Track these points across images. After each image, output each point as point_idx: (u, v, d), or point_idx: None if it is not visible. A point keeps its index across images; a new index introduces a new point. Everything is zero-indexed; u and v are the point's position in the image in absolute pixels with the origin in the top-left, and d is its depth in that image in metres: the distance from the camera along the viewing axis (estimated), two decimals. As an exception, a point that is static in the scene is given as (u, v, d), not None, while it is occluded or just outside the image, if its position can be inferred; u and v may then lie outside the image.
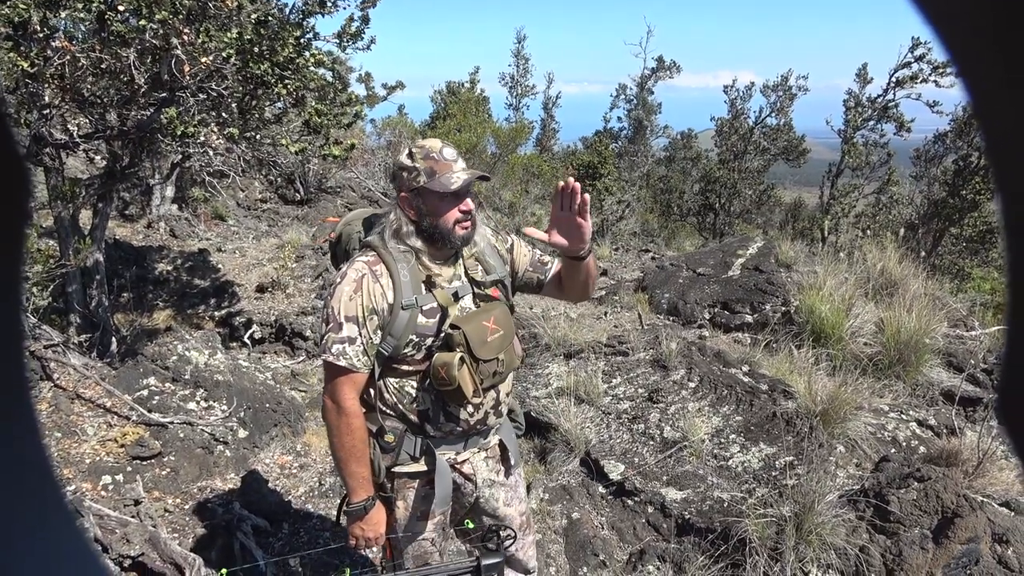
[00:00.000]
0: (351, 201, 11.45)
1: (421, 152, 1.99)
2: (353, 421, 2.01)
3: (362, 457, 2.04)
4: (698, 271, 7.23)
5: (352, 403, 2.00)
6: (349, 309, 1.95)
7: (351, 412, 2.00)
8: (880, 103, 15.64)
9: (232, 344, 6.12)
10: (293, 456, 4.46)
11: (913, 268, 6.60)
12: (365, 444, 2.05)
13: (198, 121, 3.68)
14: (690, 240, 15.62)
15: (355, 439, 2.02)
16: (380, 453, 2.11)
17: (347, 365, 1.95)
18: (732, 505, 3.56)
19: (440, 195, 1.96)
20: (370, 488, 2.08)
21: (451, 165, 1.97)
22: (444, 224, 1.99)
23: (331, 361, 1.95)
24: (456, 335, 1.98)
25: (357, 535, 2.11)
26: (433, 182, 1.95)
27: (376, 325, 1.98)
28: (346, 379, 1.99)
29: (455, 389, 1.98)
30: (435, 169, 1.95)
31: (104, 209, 5.10)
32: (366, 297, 1.95)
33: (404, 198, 2.01)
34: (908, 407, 4.75)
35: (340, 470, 2.08)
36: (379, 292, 1.97)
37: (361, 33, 4.18)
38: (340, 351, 1.94)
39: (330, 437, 2.05)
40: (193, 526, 3.63)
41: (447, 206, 1.98)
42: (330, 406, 2.01)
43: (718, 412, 4.34)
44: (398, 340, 2.00)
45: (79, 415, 4.13)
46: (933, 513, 3.17)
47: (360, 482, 2.05)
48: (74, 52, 3.71)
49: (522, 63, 24.09)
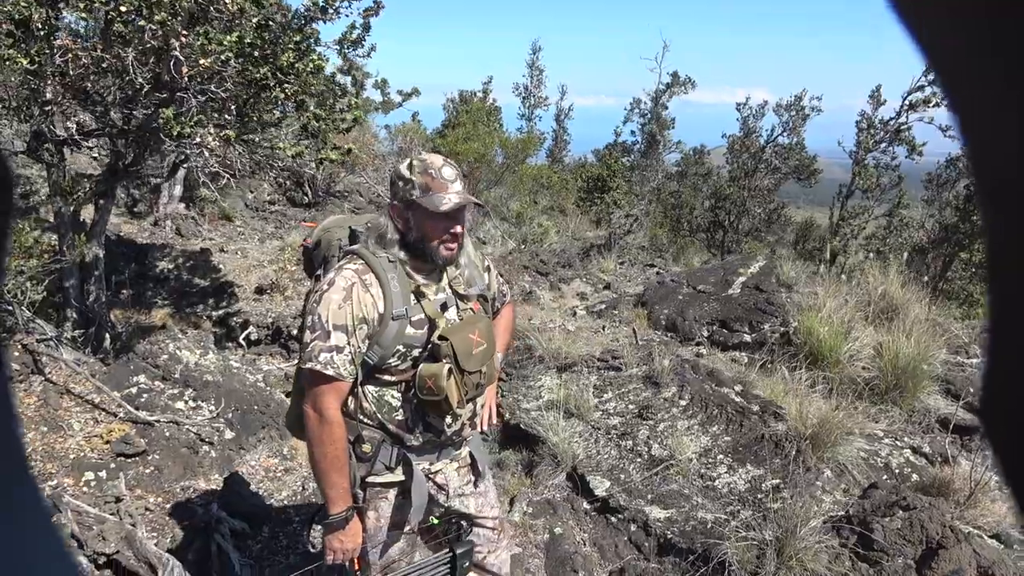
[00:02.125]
0: (359, 206, 11.48)
1: (421, 166, 1.99)
2: (336, 431, 1.99)
3: (343, 468, 2.03)
4: (699, 288, 7.19)
5: (335, 412, 1.99)
6: (338, 317, 1.93)
7: (334, 421, 1.98)
8: (892, 126, 15.57)
9: (228, 345, 6.13)
10: (279, 459, 4.45)
11: (916, 292, 6.53)
12: (346, 454, 2.03)
13: (195, 122, 3.70)
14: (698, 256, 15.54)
15: (337, 449, 2.00)
16: (356, 463, 2.10)
17: (334, 374, 1.94)
18: (715, 527, 3.52)
19: (430, 213, 1.95)
20: (349, 499, 2.06)
21: (447, 185, 1.96)
22: (428, 241, 2.00)
23: (318, 370, 1.93)
24: (444, 346, 1.98)
25: (336, 548, 2.08)
26: (425, 199, 1.95)
27: (365, 335, 1.97)
28: (330, 388, 1.97)
29: (441, 399, 1.98)
30: (430, 186, 1.95)
31: (106, 205, 5.13)
32: (356, 306, 1.94)
33: (395, 207, 2.02)
34: (903, 433, 4.69)
35: (320, 481, 2.05)
36: (370, 302, 1.96)
37: (362, 40, 4.20)
38: (328, 360, 1.93)
39: (311, 447, 2.02)
40: (172, 526, 3.62)
41: (435, 225, 1.98)
42: (312, 415, 1.98)
43: (707, 431, 4.30)
44: (385, 350, 1.99)
45: (67, 410, 4.14)
46: (917, 543, 3.12)
47: (340, 493, 2.03)
48: (76, 50, 3.74)
49: (536, 74, 24.16)
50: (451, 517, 2.31)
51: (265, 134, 4.31)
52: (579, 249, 11.89)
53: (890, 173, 16.00)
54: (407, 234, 2.01)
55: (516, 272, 8.71)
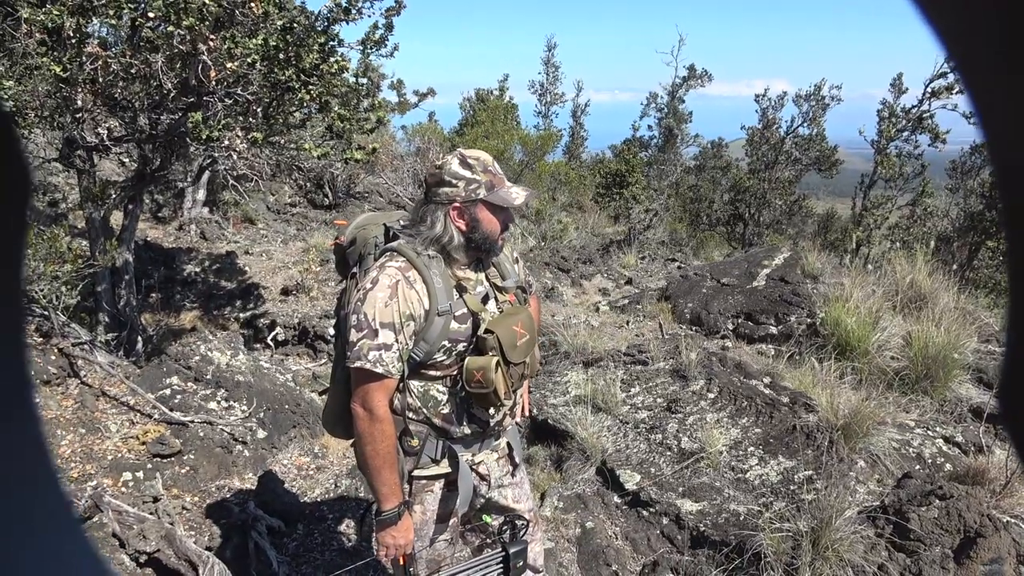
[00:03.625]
0: (379, 206, 11.55)
1: (479, 164, 1.99)
2: (387, 428, 2.00)
3: (394, 464, 2.04)
4: (722, 281, 7.16)
5: (385, 410, 2.00)
6: (384, 315, 1.94)
7: (384, 418, 1.99)
8: (915, 114, 15.37)
9: (256, 345, 6.20)
10: (311, 458, 4.50)
11: (944, 281, 6.45)
12: (396, 450, 2.05)
13: (223, 125, 3.75)
14: (719, 250, 15.46)
15: (388, 445, 2.01)
16: (403, 457, 2.12)
17: (383, 372, 1.95)
18: (748, 518, 3.51)
19: (499, 208, 1.99)
20: (400, 495, 2.07)
21: (504, 180, 2.01)
22: (494, 236, 2.02)
23: (367, 368, 1.93)
24: (490, 339, 2.00)
25: (389, 543, 2.08)
26: (493, 195, 1.97)
27: (412, 331, 1.98)
28: (380, 386, 1.98)
29: (490, 392, 1.99)
30: (494, 183, 1.98)
31: (134, 211, 5.21)
32: (402, 303, 1.95)
33: (458, 208, 2.00)
34: (935, 423, 4.64)
35: (372, 478, 2.05)
36: (415, 298, 1.97)
37: (384, 40, 4.23)
38: (377, 358, 1.93)
39: (362, 446, 2.02)
40: (209, 524, 3.68)
41: (494, 219, 2.01)
42: (362, 413, 1.99)
43: (737, 424, 4.28)
44: (431, 346, 2.00)
45: (103, 412, 4.21)
46: (955, 532, 3.09)
47: (393, 488, 2.04)
48: (106, 57, 3.81)
49: (552, 71, 24.15)
50: (507, 517, 2.32)
51: (290, 136, 4.35)
52: (599, 245, 11.88)
53: (913, 162, 15.79)
54: (472, 233, 2.01)
55: (537, 269, 8.72)
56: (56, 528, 0.33)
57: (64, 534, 0.34)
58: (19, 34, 3.81)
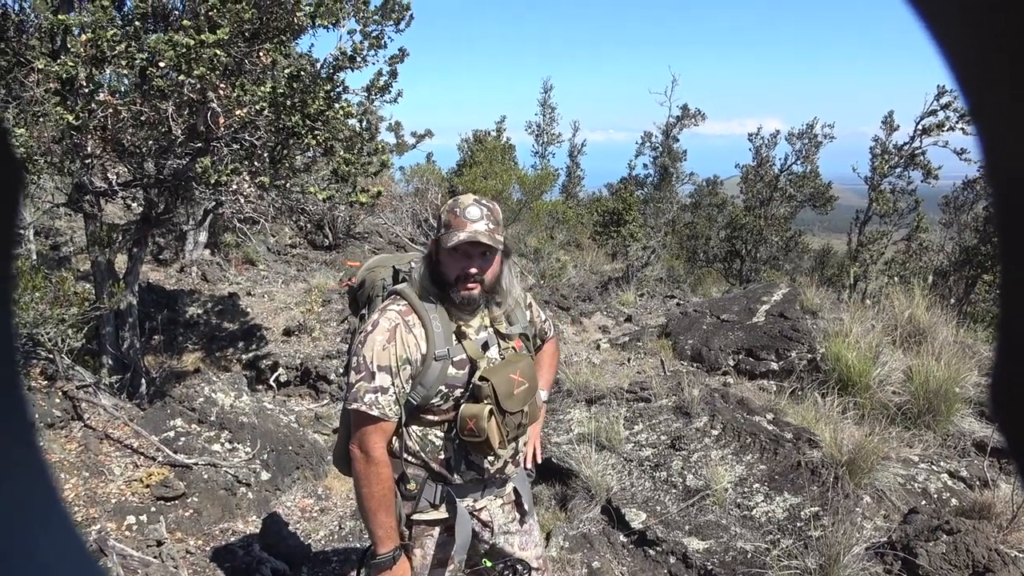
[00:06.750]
0: (378, 247, 11.64)
1: (451, 204, 2.02)
2: (383, 470, 2.00)
3: (390, 507, 2.03)
4: (722, 317, 7.20)
5: (381, 452, 2.00)
6: (382, 359, 1.95)
7: (380, 461, 1.99)
8: (907, 150, 15.62)
9: (259, 387, 6.20)
10: (314, 499, 4.48)
11: (942, 315, 6.50)
12: (392, 493, 2.04)
13: (231, 170, 3.82)
14: (717, 286, 15.53)
15: (384, 488, 2.01)
16: (401, 500, 2.11)
17: (379, 415, 1.95)
18: (756, 556, 3.49)
19: (446, 250, 1.97)
20: (396, 538, 2.06)
21: (466, 224, 1.93)
22: (450, 278, 2.00)
23: (363, 410, 1.94)
24: (485, 387, 1.99)
25: None
26: (443, 236, 1.97)
27: (408, 375, 1.99)
28: (376, 428, 1.98)
29: (483, 440, 1.99)
30: (452, 224, 1.95)
31: (139, 254, 5.27)
32: (400, 347, 1.96)
33: (429, 244, 2.07)
34: (939, 458, 4.64)
35: (368, 521, 2.05)
36: (413, 342, 1.98)
37: (389, 87, 4.34)
38: (373, 400, 1.94)
39: (358, 488, 2.02)
40: (214, 568, 3.64)
41: (452, 262, 1.98)
42: (359, 456, 1.99)
43: (741, 460, 4.28)
44: (428, 390, 2.01)
45: (107, 455, 4.20)
46: (963, 568, 3.08)
47: (388, 532, 2.03)
48: (116, 105, 3.90)
49: (548, 112, 24.54)
50: (507, 561, 2.31)
51: (296, 179, 4.43)
52: (597, 283, 11.95)
53: (907, 197, 16.00)
54: (433, 270, 2.04)
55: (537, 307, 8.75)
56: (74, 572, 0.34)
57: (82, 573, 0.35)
58: (28, 83, 3.92)
